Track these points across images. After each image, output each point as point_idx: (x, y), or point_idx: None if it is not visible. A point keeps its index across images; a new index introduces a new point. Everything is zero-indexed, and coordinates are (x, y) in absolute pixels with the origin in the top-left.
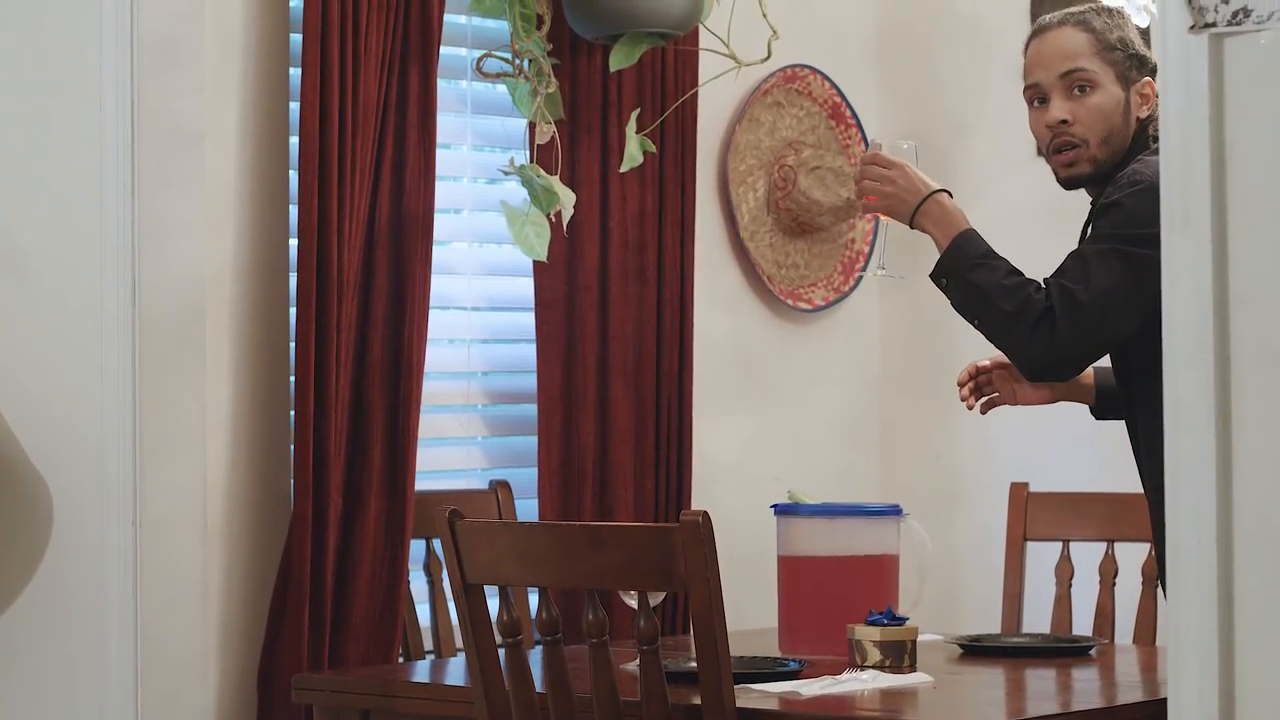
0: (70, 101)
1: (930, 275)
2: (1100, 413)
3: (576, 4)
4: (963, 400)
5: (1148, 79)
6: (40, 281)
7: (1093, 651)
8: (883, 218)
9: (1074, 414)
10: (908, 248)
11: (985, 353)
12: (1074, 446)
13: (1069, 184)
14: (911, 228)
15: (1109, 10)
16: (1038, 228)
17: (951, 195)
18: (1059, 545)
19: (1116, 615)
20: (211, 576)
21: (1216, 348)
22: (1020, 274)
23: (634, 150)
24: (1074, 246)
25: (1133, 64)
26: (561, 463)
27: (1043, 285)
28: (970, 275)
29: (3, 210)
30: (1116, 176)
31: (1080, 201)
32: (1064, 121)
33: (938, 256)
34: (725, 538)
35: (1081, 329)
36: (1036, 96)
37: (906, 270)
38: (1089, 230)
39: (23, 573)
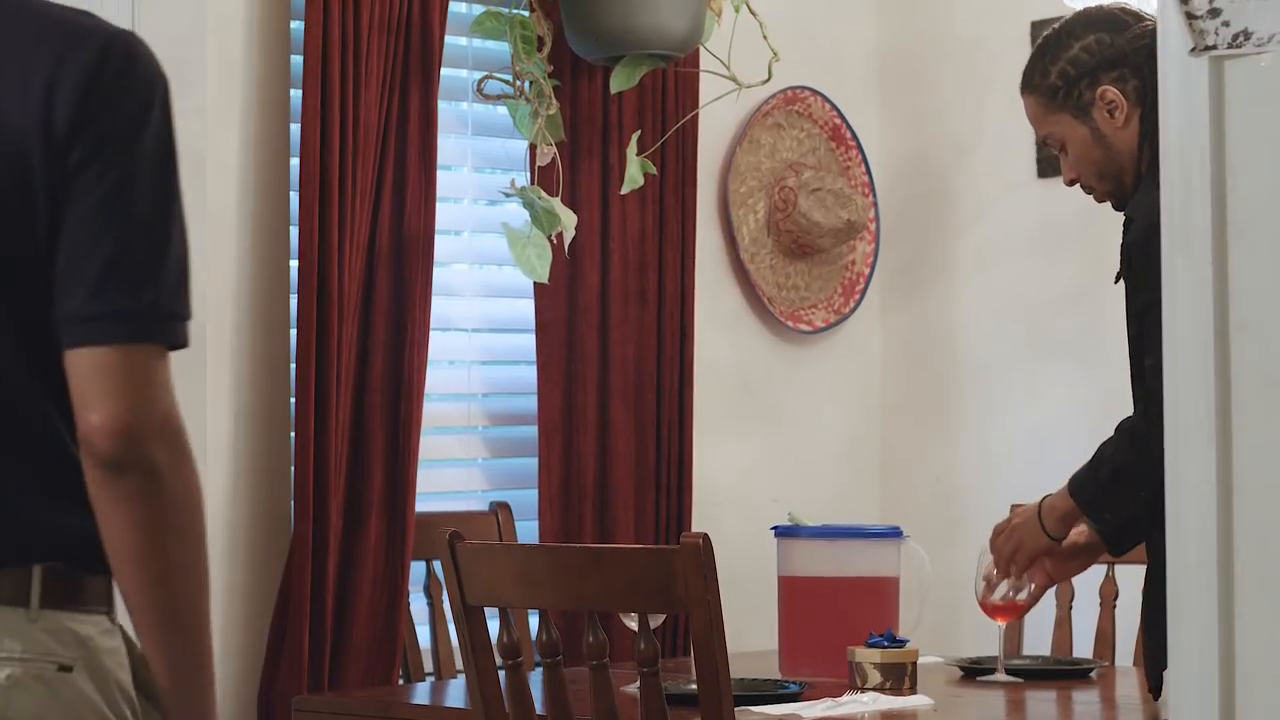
0: None
1: (1098, 532)
2: (1119, 549)
3: (577, 25)
4: (1008, 593)
5: (1104, 87)
6: None
7: (1093, 674)
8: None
9: (1073, 435)
10: (909, 272)
11: (983, 379)
12: (1074, 468)
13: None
14: (1053, 536)
15: (1052, 40)
16: (1038, 249)
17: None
18: None
19: (1117, 638)
20: (212, 598)
21: (1217, 371)
22: (1106, 443)
23: (634, 172)
24: (1074, 268)
25: (1081, 87)
26: (562, 484)
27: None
28: (1105, 484)
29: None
30: (1135, 208)
31: (1076, 223)
32: (1073, 179)
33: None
34: (725, 559)
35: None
36: (1047, 144)
37: (906, 296)
38: (1126, 270)
39: None
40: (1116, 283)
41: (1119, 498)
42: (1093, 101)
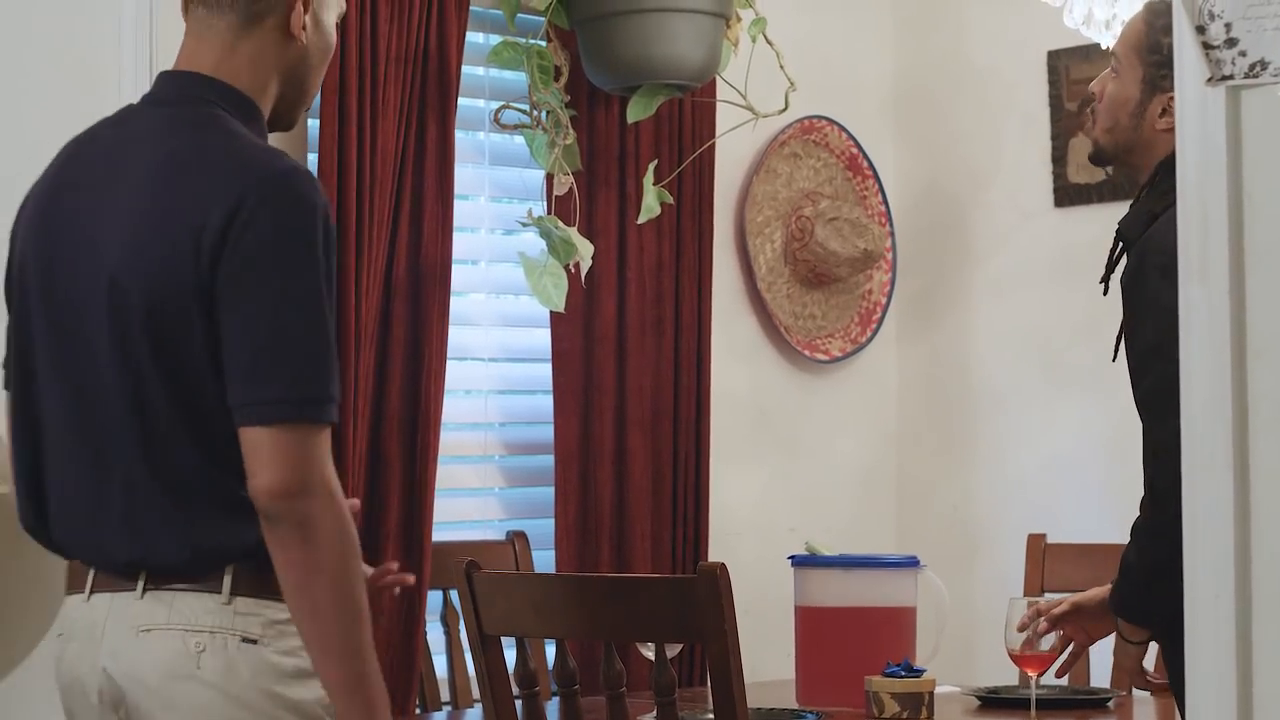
0: None
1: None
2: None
3: (594, 55)
4: (1035, 636)
5: (1173, 95)
6: None
7: (1110, 704)
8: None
9: (1091, 465)
10: (925, 301)
11: (999, 408)
12: (1091, 498)
13: (1089, 158)
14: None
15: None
16: (1054, 279)
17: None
18: (1067, 596)
19: None
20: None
21: (1234, 400)
22: (1126, 551)
23: (651, 201)
24: (1090, 297)
25: (1168, 71)
26: (579, 514)
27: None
28: (1141, 590)
29: None
30: (1147, 243)
31: (1092, 252)
32: (1092, 94)
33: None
34: (743, 589)
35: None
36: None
37: (923, 325)
38: (1123, 294)
39: (39, 625)
40: (1102, 286)
41: (1160, 597)
42: (1162, 90)
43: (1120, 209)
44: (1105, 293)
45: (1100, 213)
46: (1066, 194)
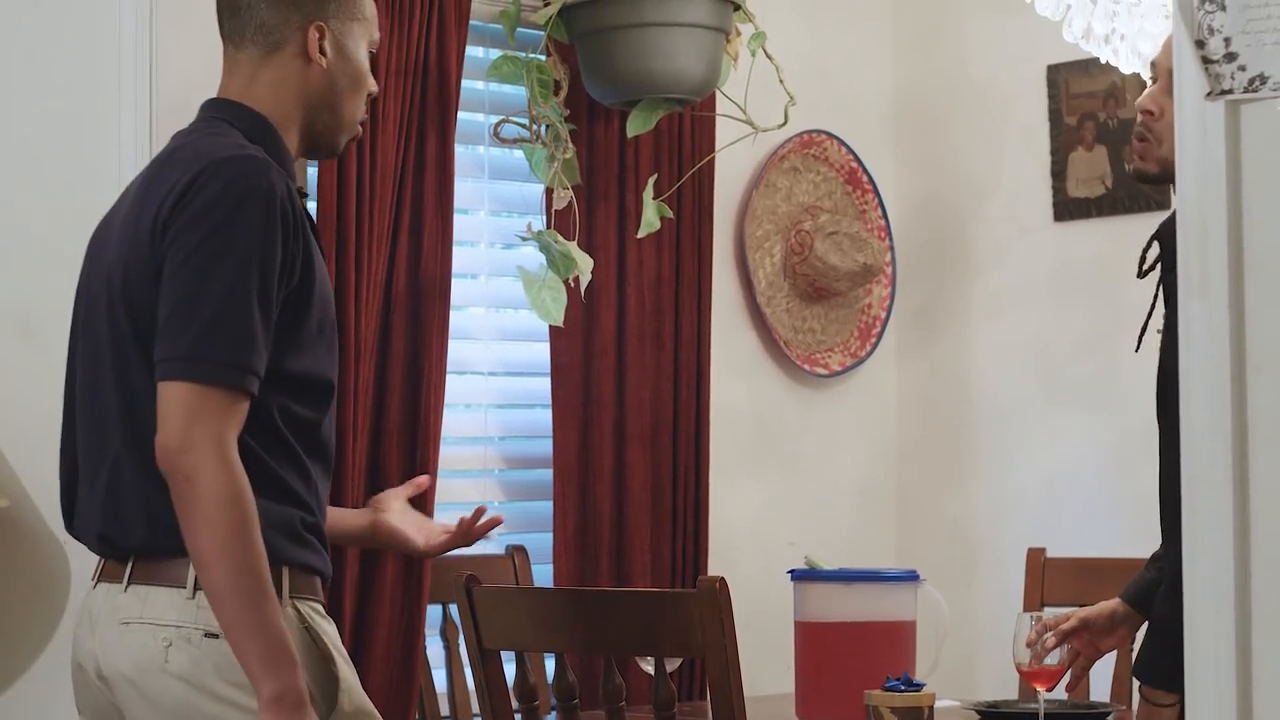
0: (89, 167)
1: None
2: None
3: (594, 70)
4: (1043, 650)
5: None
6: (56, 349)
7: (1111, 718)
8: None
9: (1090, 480)
10: (925, 316)
11: (999, 423)
12: (1090, 512)
13: (1135, 177)
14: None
15: None
16: (1054, 293)
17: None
18: (1074, 611)
19: (1134, 682)
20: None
21: (1234, 415)
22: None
23: (651, 216)
24: (1090, 312)
25: None
26: (578, 528)
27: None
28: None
29: (18, 280)
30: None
31: (1092, 267)
32: (1150, 112)
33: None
34: (742, 603)
35: None
36: (1152, 74)
37: (922, 340)
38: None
39: (40, 637)
40: (1141, 276)
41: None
42: None
43: (1120, 223)
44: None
45: (1100, 227)
46: (1066, 208)
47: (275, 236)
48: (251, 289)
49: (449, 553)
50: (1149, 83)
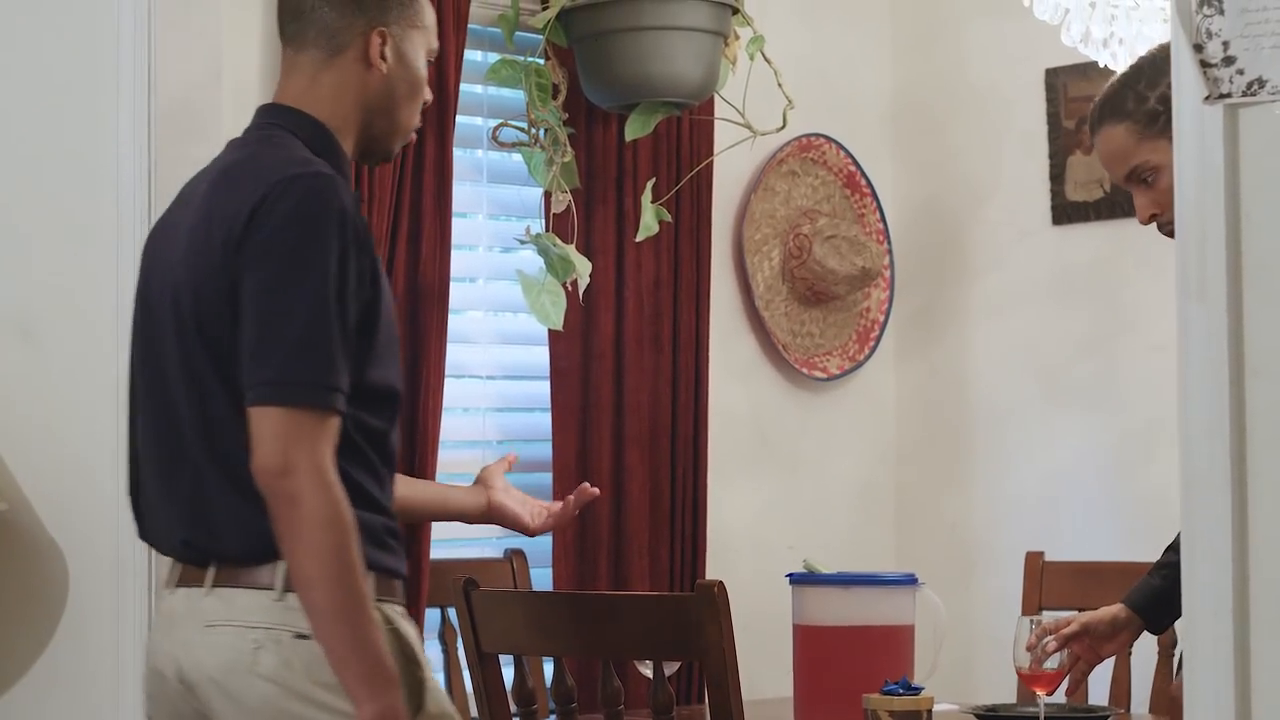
0: (88, 169)
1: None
2: (1158, 628)
3: (592, 73)
4: (1043, 654)
5: None
6: (56, 350)
7: None
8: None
9: (1089, 484)
10: (923, 319)
11: (997, 426)
12: (1089, 516)
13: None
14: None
15: (1148, 65)
16: (1053, 297)
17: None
18: (1074, 615)
19: (1133, 685)
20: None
21: (1232, 419)
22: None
23: (649, 219)
24: (1088, 315)
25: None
26: (576, 531)
27: None
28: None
29: (18, 281)
30: None
31: (1091, 270)
32: (1154, 215)
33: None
34: (740, 606)
35: None
36: (1126, 179)
37: (921, 343)
38: None
39: (38, 641)
40: None
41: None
42: None
43: (1119, 226)
44: None
45: (1098, 230)
46: (1065, 212)
47: (349, 254)
48: (331, 309)
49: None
50: (1123, 184)
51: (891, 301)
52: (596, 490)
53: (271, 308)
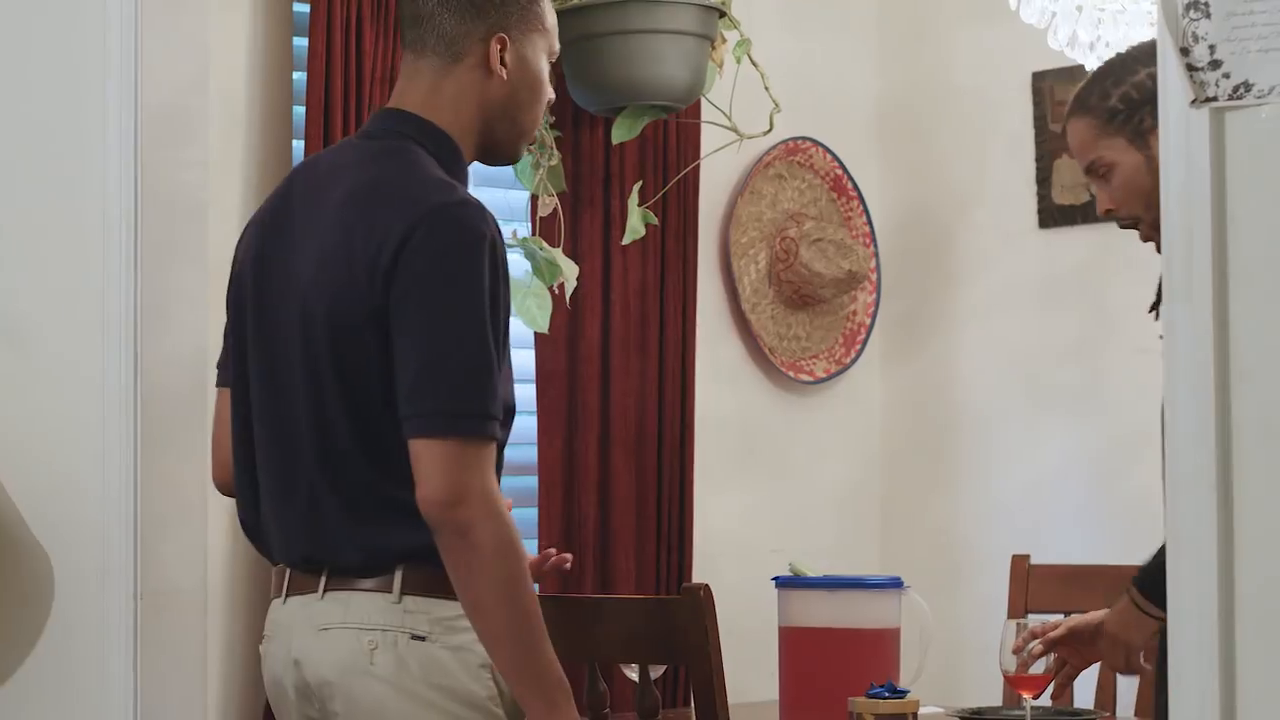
0: (74, 174)
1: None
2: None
3: (579, 76)
4: (1030, 658)
5: None
6: (42, 354)
7: None
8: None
9: (1075, 487)
10: (910, 323)
11: (983, 429)
12: (1075, 519)
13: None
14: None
15: (1118, 63)
16: (1039, 300)
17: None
18: (1061, 618)
19: (1118, 688)
20: (212, 649)
21: (1218, 422)
22: None
23: (636, 222)
24: (1074, 319)
25: (1143, 113)
26: (563, 534)
27: None
28: None
29: (4, 283)
30: None
31: (1077, 274)
32: (1109, 210)
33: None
34: (726, 610)
35: None
36: (1089, 171)
37: (907, 346)
38: None
39: (23, 645)
40: (1153, 313)
41: None
42: (1151, 130)
43: (1105, 230)
44: (1157, 318)
45: (1085, 234)
46: (1051, 215)
47: (500, 283)
48: (488, 339)
49: None
50: (1085, 176)
51: (878, 305)
52: (569, 559)
53: (435, 340)
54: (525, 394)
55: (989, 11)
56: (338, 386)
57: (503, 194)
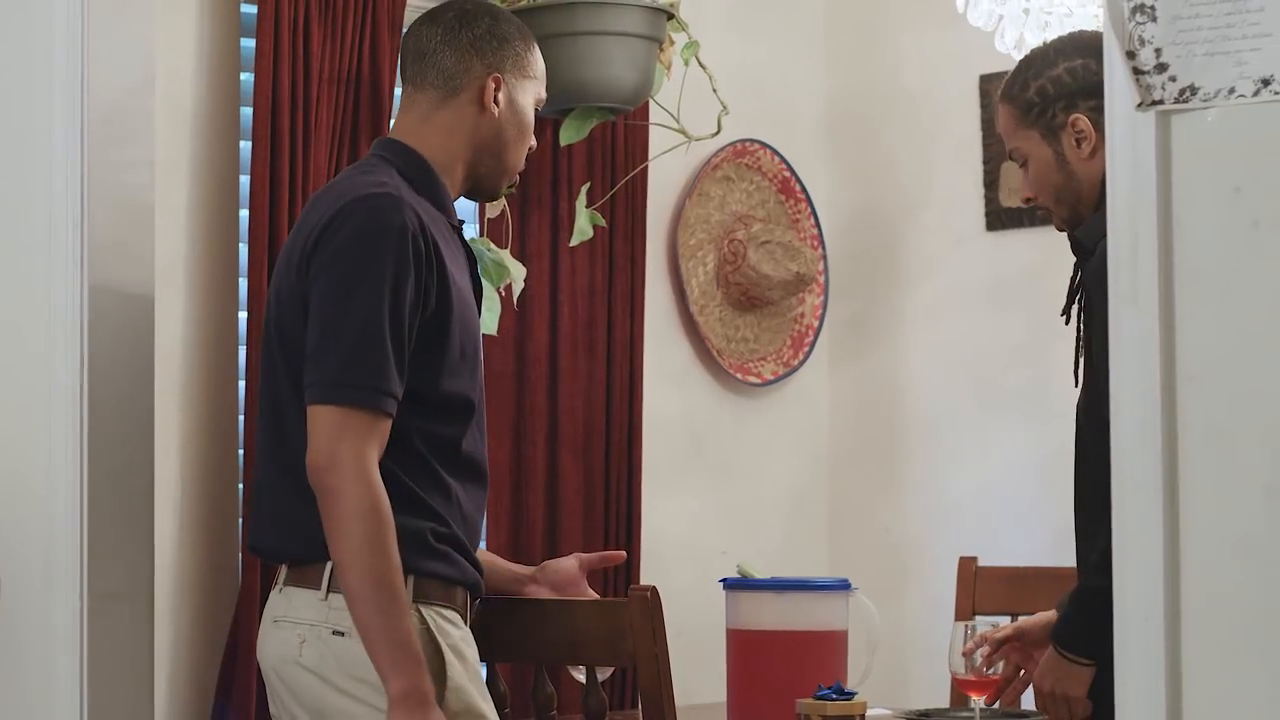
0: (20, 175)
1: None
2: None
3: None
4: (983, 662)
5: (1077, 115)
6: None
7: None
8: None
9: (1022, 489)
10: (858, 325)
11: (932, 432)
12: (1022, 521)
13: (1071, 243)
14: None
15: (1039, 57)
16: (987, 303)
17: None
18: (1008, 620)
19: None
20: (159, 651)
21: (1164, 425)
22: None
23: (584, 224)
24: (1023, 321)
25: (1056, 109)
26: (510, 536)
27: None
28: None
29: None
30: (1087, 234)
31: (1025, 276)
32: (1029, 199)
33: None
34: (674, 612)
35: None
36: (1010, 155)
37: (855, 349)
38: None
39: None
40: (1064, 317)
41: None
42: (1063, 126)
43: (1052, 233)
44: (1068, 322)
45: (1032, 236)
46: (999, 218)
47: (407, 269)
48: (384, 318)
49: None
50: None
51: (826, 307)
52: (622, 555)
53: (331, 315)
54: None
55: (936, 15)
56: (284, 367)
57: None
